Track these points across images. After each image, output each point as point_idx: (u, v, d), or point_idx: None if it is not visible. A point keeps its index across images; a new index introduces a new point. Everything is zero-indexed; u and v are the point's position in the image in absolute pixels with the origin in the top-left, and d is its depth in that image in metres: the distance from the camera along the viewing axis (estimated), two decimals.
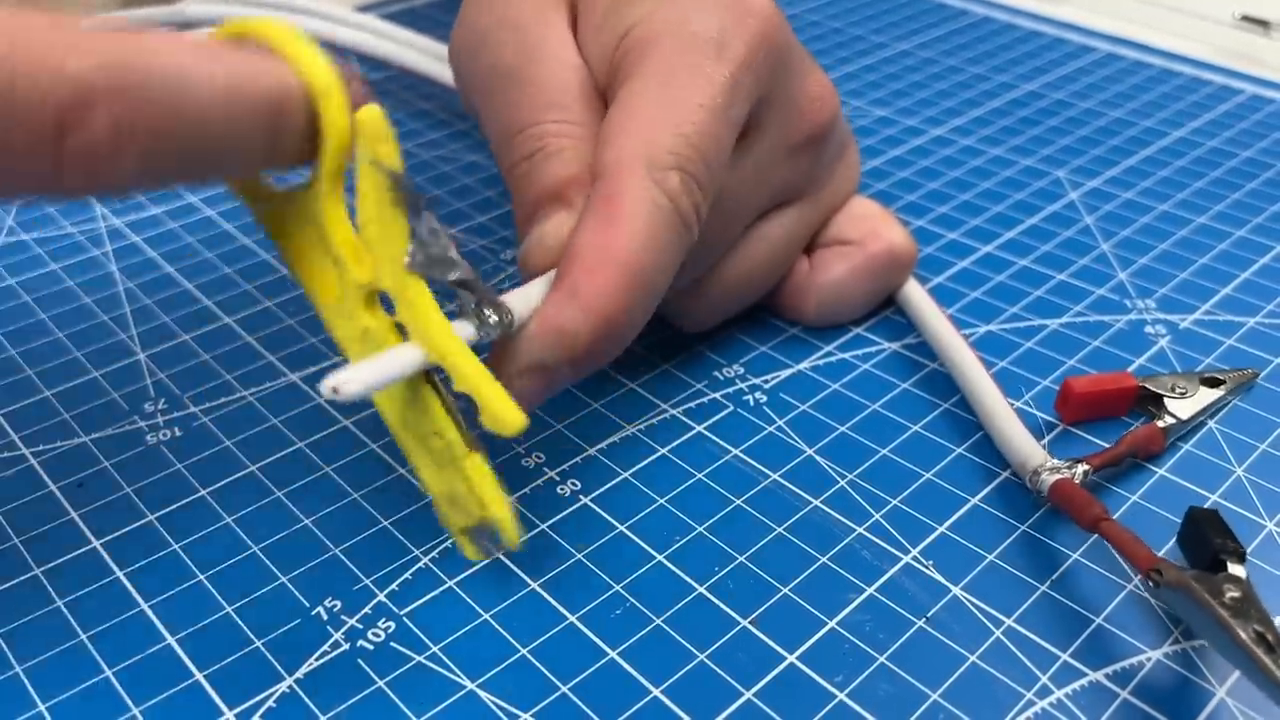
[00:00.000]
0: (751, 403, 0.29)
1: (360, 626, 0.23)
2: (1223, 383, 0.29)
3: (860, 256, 0.31)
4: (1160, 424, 0.27)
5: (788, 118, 0.28)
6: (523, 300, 0.23)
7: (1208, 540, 0.23)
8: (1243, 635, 0.19)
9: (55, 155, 0.17)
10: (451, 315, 0.21)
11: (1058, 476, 0.25)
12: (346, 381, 0.19)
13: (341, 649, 0.22)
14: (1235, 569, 0.22)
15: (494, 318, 0.22)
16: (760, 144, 0.28)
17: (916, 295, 0.32)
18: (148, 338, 0.31)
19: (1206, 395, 0.28)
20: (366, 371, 0.19)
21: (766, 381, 0.30)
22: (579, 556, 0.25)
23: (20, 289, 0.33)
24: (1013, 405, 0.27)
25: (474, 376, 0.21)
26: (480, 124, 0.29)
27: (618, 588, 0.24)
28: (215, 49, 0.19)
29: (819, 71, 0.30)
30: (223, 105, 0.18)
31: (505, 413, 0.21)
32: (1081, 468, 0.25)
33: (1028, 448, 0.26)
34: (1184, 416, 0.28)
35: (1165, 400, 0.28)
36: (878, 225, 0.31)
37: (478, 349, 0.21)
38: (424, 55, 0.42)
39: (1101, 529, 0.23)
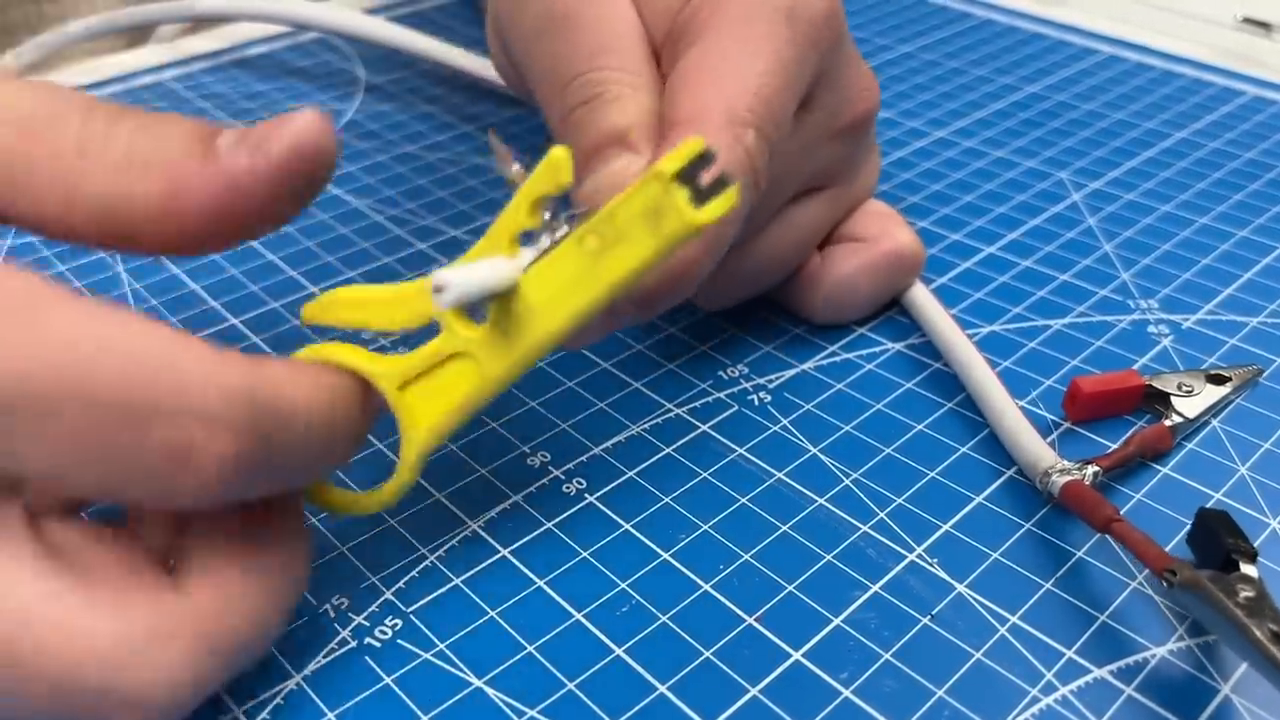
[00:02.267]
0: (756, 402, 0.29)
1: (367, 624, 0.23)
2: (1228, 380, 0.29)
3: (871, 254, 0.31)
4: (1168, 423, 0.27)
5: (838, 101, 0.29)
6: None
7: (1219, 541, 0.23)
8: (1258, 634, 0.20)
9: (174, 479, 0.18)
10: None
11: (1068, 478, 0.25)
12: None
13: (349, 646, 0.23)
14: (1248, 569, 0.22)
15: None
16: (810, 122, 0.28)
17: (922, 296, 0.32)
18: None
19: (1213, 393, 0.28)
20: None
21: (771, 381, 0.30)
22: (585, 554, 0.25)
23: None
24: (1019, 405, 0.27)
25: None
26: (524, 70, 0.29)
27: (623, 585, 0.24)
28: (319, 376, 0.20)
29: (865, 64, 0.30)
30: (325, 442, 0.20)
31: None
32: (1091, 469, 0.25)
33: (1038, 449, 0.26)
34: (1191, 415, 0.28)
35: (1172, 399, 0.28)
36: (889, 225, 0.31)
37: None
38: (434, 44, 0.43)
39: (1114, 530, 0.23)
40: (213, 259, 0.35)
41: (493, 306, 0.21)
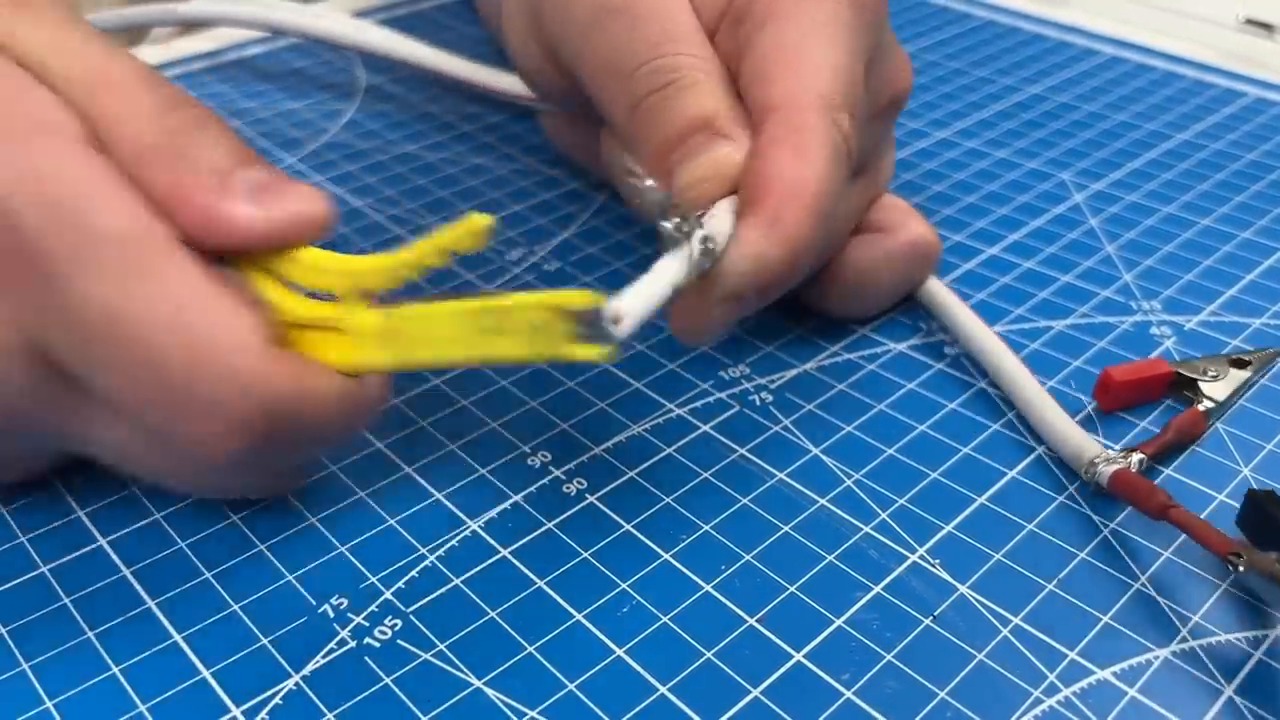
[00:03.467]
0: (757, 402, 0.29)
1: (367, 624, 0.23)
2: (1249, 363, 0.29)
3: (891, 243, 0.31)
4: (1200, 407, 0.28)
5: (881, 79, 0.29)
6: (718, 227, 0.23)
7: (1274, 519, 0.23)
8: None
9: (209, 455, 0.21)
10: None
11: (1116, 467, 0.25)
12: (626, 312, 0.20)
13: (348, 646, 0.22)
14: None
15: (709, 246, 0.22)
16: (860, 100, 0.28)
17: (942, 292, 0.31)
18: None
19: (1236, 376, 0.29)
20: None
21: (772, 381, 0.30)
22: (585, 555, 0.25)
23: None
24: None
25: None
26: (573, 63, 0.28)
27: (624, 586, 0.24)
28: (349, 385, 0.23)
29: (899, 45, 0.30)
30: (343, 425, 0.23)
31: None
32: (1137, 456, 0.25)
33: (1081, 440, 0.26)
34: (1220, 398, 0.28)
35: (1199, 384, 0.28)
36: (908, 217, 0.31)
37: None
38: (434, 54, 0.43)
39: (1171, 515, 0.23)
40: None
41: (393, 311, 0.22)
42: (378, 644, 0.22)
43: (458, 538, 0.25)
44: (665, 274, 0.22)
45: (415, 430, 0.28)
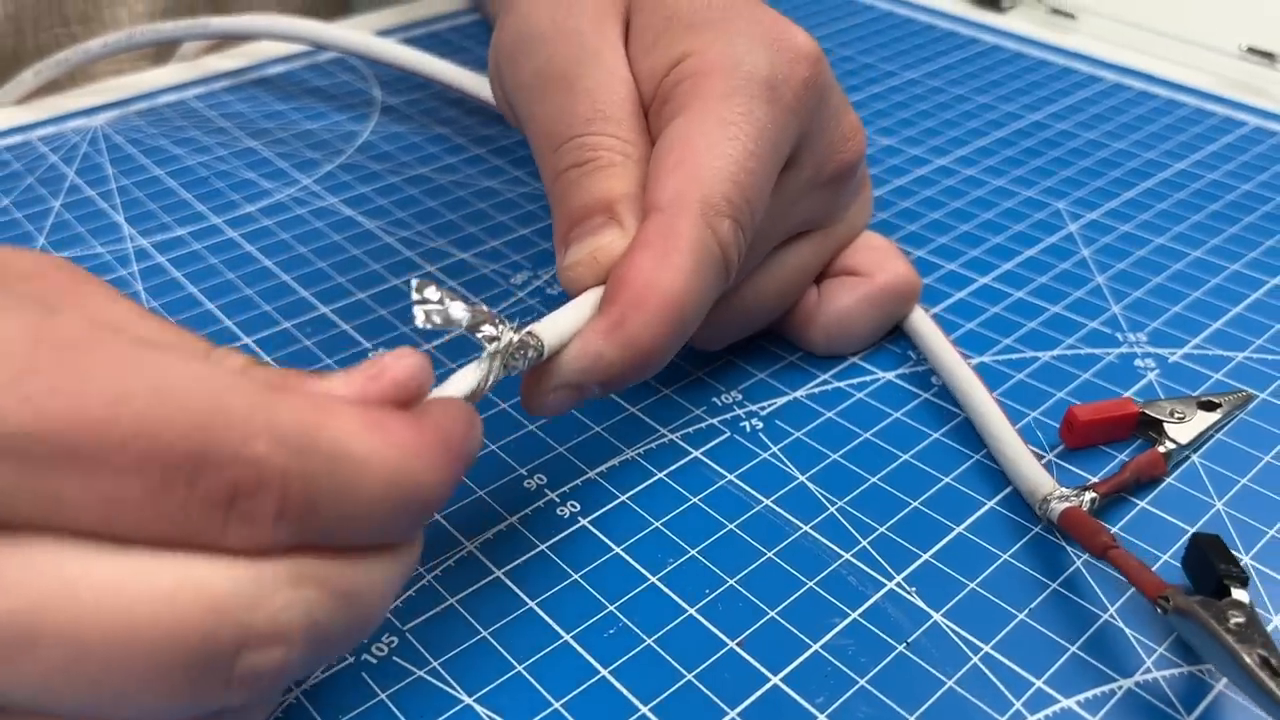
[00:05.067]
0: (748, 429, 0.30)
1: (366, 641, 0.24)
2: (1218, 406, 0.30)
3: (867, 287, 0.32)
4: (1161, 449, 0.28)
5: (820, 155, 0.29)
6: (563, 323, 0.24)
7: (1212, 566, 0.24)
8: (1247, 660, 0.20)
9: (222, 520, 0.17)
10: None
11: (1067, 504, 0.26)
12: None
13: (347, 662, 0.24)
14: (1239, 594, 0.23)
15: (524, 349, 0.23)
16: (792, 179, 0.29)
17: (922, 321, 0.32)
18: None
19: (1204, 419, 0.29)
20: None
21: (763, 408, 0.31)
22: (575, 577, 0.26)
23: None
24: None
25: None
26: (520, 125, 0.30)
27: (611, 608, 0.25)
28: (385, 422, 0.18)
29: (851, 112, 0.31)
30: (383, 499, 0.18)
31: None
32: (1089, 495, 0.26)
33: (1037, 475, 0.27)
34: (1183, 441, 0.29)
35: (1164, 425, 0.29)
36: (885, 258, 0.32)
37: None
38: (450, 68, 0.44)
39: (1110, 556, 0.24)
40: (227, 279, 0.36)
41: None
42: (375, 660, 0.24)
43: (455, 557, 0.26)
44: (457, 384, 0.22)
45: None
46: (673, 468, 0.29)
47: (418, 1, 0.57)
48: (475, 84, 0.44)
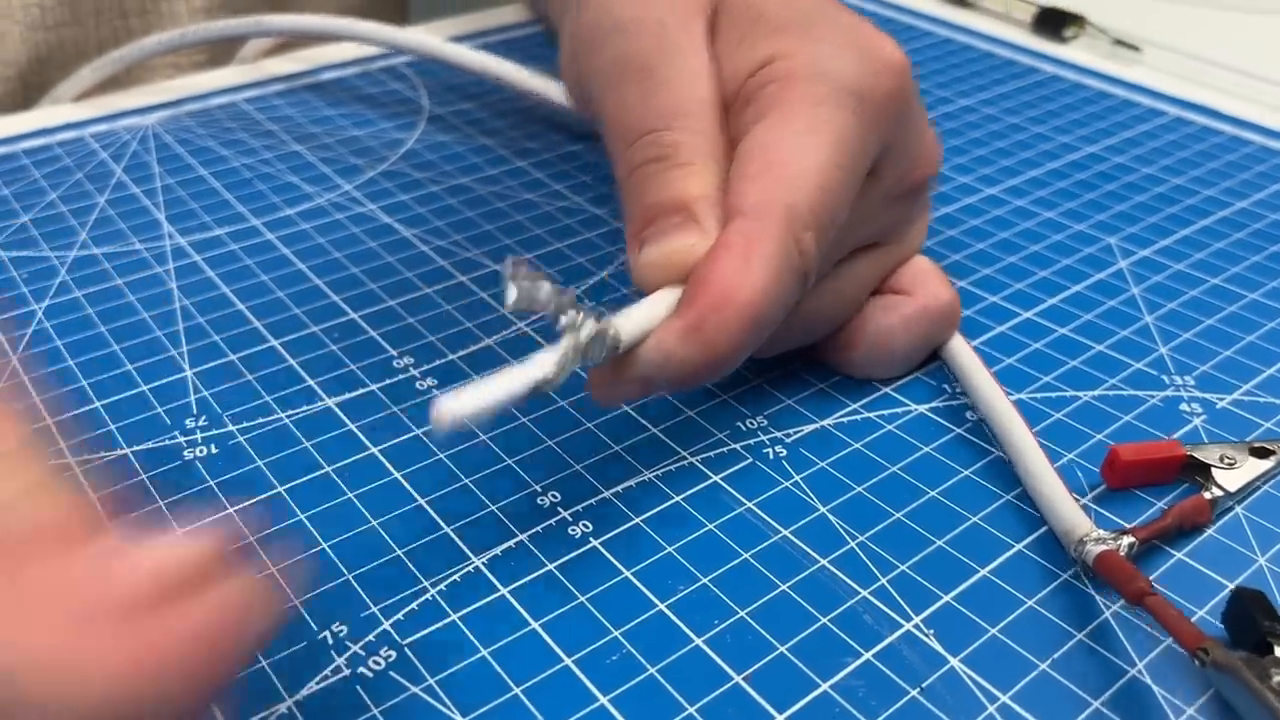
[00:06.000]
0: (771, 456, 0.29)
1: (363, 653, 0.24)
2: (1273, 453, 0.28)
3: (910, 307, 0.31)
4: (1207, 495, 0.27)
5: (899, 169, 0.29)
6: (640, 318, 0.24)
7: (1255, 622, 0.23)
8: None
9: None
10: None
11: (1103, 548, 0.24)
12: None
13: (343, 674, 0.23)
14: None
15: (604, 339, 0.23)
16: (873, 190, 0.28)
17: (961, 349, 0.31)
18: (196, 356, 0.33)
19: (1255, 466, 0.28)
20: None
21: (788, 435, 0.30)
22: (582, 599, 0.25)
23: (85, 301, 0.35)
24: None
25: None
26: (594, 114, 0.29)
27: (616, 634, 0.24)
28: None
29: (930, 128, 0.30)
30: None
31: None
32: (1128, 539, 0.25)
33: (1074, 516, 0.26)
34: (1232, 488, 0.27)
35: (1213, 470, 0.28)
36: (928, 280, 0.31)
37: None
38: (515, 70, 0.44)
39: (1147, 604, 0.23)
40: (260, 280, 0.36)
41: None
42: (371, 674, 0.23)
43: (460, 573, 0.26)
44: (511, 379, 0.22)
45: (433, 462, 0.29)
46: (690, 492, 0.28)
47: (476, 13, 0.58)
48: (540, 84, 0.43)
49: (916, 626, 0.24)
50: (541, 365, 0.22)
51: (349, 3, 0.61)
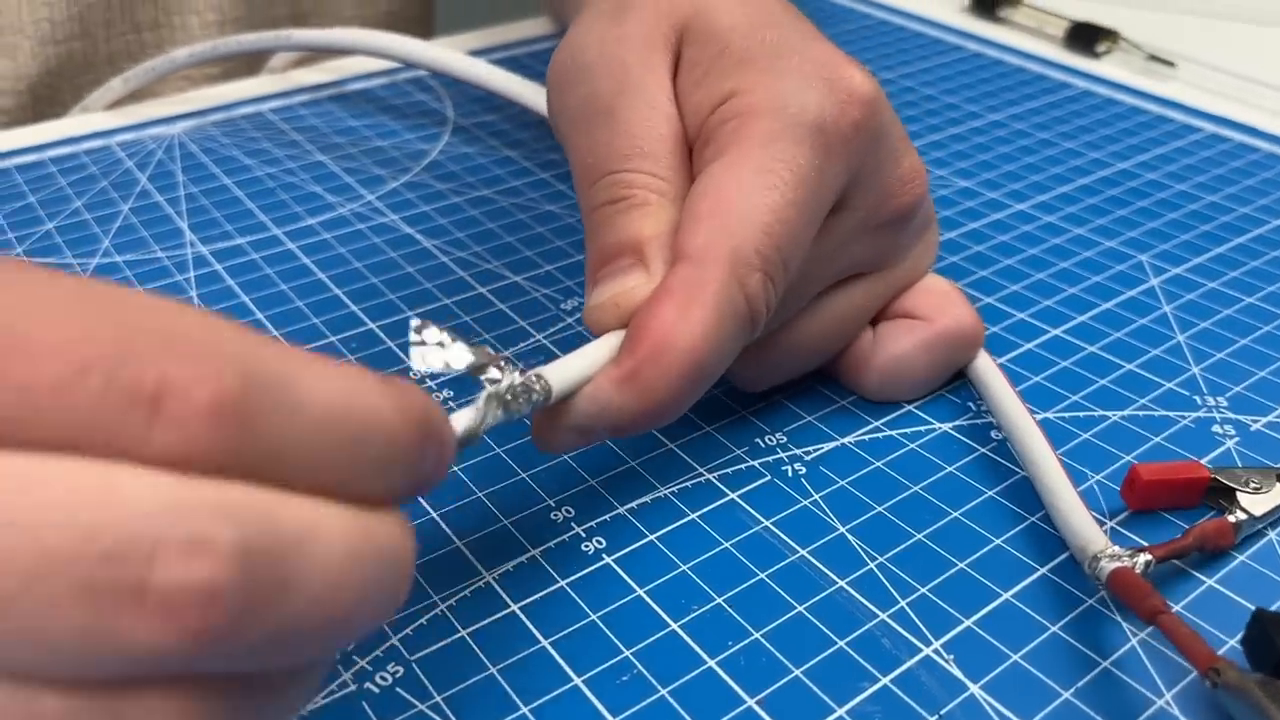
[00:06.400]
0: (790, 473, 0.29)
1: (370, 668, 0.23)
2: None
3: (926, 332, 0.30)
4: (1231, 519, 0.26)
5: (875, 198, 0.28)
6: (578, 365, 0.24)
7: (1272, 643, 0.22)
8: None
9: (144, 421, 0.14)
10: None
11: (1117, 564, 0.24)
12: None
13: (348, 689, 0.23)
14: None
15: (520, 400, 0.22)
16: (843, 222, 0.28)
17: (985, 365, 0.31)
18: None
19: None
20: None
21: (808, 453, 0.29)
22: (593, 617, 0.24)
23: None
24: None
25: None
26: (565, 151, 0.29)
27: (628, 653, 0.24)
28: (336, 364, 0.17)
29: (912, 153, 0.29)
30: (329, 428, 0.16)
31: None
32: (1144, 557, 0.24)
33: (1088, 530, 0.25)
34: (1257, 513, 0.26)
35: (1238, 494, 0.27)
36: (946, 302, 0.31)
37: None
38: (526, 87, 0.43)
39: (1159, 622, 0.22)
40: (279, 289, 0.36)
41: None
42: (377, 690, 0.23)
43: (471, 588, 0.25)
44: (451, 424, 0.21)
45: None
46: (706, 509, 0.27)
47: (500, 26, 0.57)
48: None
49: (936, 651, 0.24)
50: (458, 422, 0.21)
51: (375, 14, 0.61)
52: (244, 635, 0.14)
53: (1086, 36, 0.55)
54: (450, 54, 0.45)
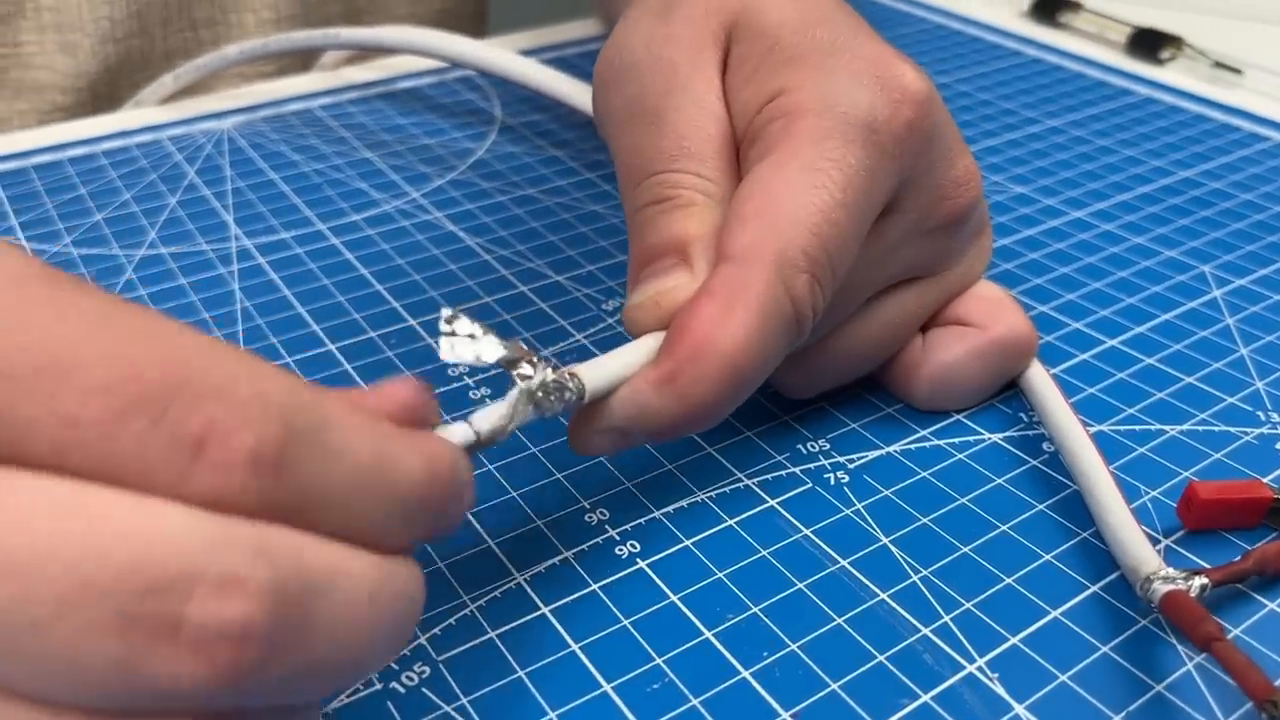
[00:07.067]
0: (832, 481, 0.28)
1: (396, 667, 0.23)
2: None
3: (978, 339, 0.29)
4: None
5: (927, 201, 0.27)
6: (615, 366, 0.23)
7: None
8: None
9: (187, 462, 0.14)
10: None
11: (1171, 587, 0.23)
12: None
13: (374, 688, 0.22)
14: None
15: (553, 398, 0.22)
16: (894, 225, 0.27)
17: (1041, 381, 0.30)
18: None
19: None
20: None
21: (851, 461, 0.29)
22: (625, 622, 0.24)
23: (149, 299, 0.35)
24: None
25: None
26: (611, 152, 0.29)
27: (659, 661, 0.23)
28: (372, 417, 0.17)
29: (966, 155, 0.28)
30: (364, 479, 0.16)
31: None
32: (1199, 580, 0.23)
33: (1141, 550, 0.24)
34: None
35: None
36: (999, 309, 0.30)
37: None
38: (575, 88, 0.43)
39: (1214, 649, 0.21)
40: (322, 284, 0.36)
41: None
42: (403, 689, 0.22)
43: (501, 589, 0.25)
44: (481, 419, 0.20)
45: (480, 474, 0.28)
46: (744, 516, 0.27)
47: (552, 26, 0.57)
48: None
49: (980, 669, 0.23)
50: (488, 418, 0.20)
51: (428, 11, 0.61)
52: (268, 673, 0.15)
53: (1150, 42, 0.53)
54: (497, 52, 0.45)
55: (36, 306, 0.14)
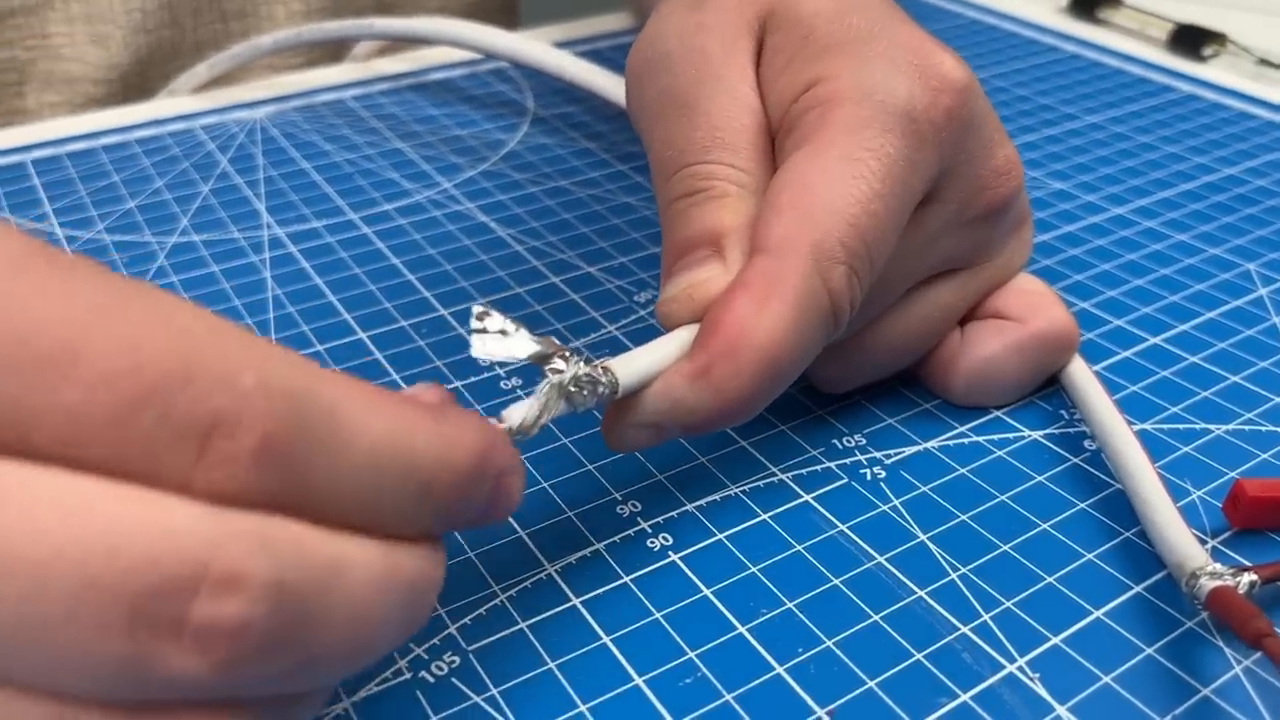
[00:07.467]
0: (868, 477, 0.27)
1: (426, 657, 0.23)
2: None
3: (1018, 333, 0.29)
4: None
5: (968, 190, 0.27)
6: (648, 360, 0.23)
7: None
8: None
9: (192, 455, 0.14)
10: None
11: (1218, 583, 0.22)
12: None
13: (404, 678, 0.22)
14: None
15: (585, 392, 0.21)
16: (934, 215, 0.27)
17: (1080, 370, 0.29)
18: (285, 345, 0.32)
19: None
20: None
21: (888, 456, 0.28)
22: (657, 615, 0.23)
23: (180, 286, 0.35)
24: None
25: None
26: (644, 145, 0.29)
27: (691, 655, 0.23)
28: (379, 393, 0.17)
29: (1007, 144, 0.28)
30: (373, 464, 0.16)
31: None
32: (1248, 577, 0.22)
33: (1187, 546, 0.23)
34: None
35: None
36: (1039, 303, 0.29)
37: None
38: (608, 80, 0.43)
39: (1265, 646, 0.20)
40: (353, 273, 0.36)
41: None
42: (432, 679, 0.22)
43: (532, 579, 0.24)
44: (511, 414, 0.20)
45: None
46: (779, 510, 0.26)
47: (585, 19, 0.57)
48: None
49: (1020, 669, 0.22)
50: (518, 411, 0.20)
51: (459, 3, 0.61)
52: (268, 666, 0.15)
53: (1192, 39, 0.52)
54: (530, 44, 0.45)
55: (39, 291, 0.14)
